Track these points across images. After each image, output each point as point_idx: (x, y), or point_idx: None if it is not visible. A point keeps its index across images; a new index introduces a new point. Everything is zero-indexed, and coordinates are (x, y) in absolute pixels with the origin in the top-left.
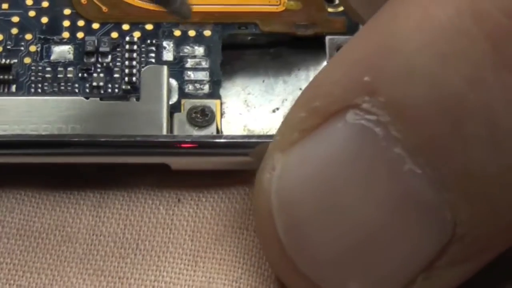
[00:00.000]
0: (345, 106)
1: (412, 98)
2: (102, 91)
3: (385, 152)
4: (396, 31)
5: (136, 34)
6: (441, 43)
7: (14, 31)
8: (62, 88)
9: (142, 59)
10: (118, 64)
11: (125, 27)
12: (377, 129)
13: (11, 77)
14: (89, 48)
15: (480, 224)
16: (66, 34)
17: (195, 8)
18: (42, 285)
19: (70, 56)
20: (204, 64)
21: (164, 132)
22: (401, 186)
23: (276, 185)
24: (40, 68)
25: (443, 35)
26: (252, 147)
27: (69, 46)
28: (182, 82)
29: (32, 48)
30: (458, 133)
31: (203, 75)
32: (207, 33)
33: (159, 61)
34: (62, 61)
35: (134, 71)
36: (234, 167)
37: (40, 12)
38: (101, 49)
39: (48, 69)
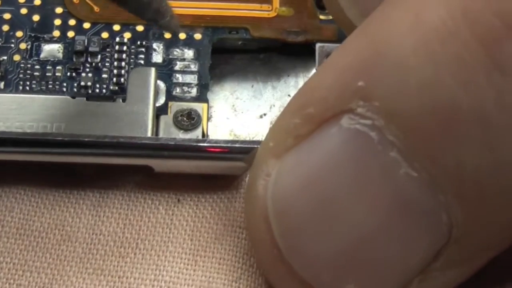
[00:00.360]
0: (339, 111)
1: (406, 102)
2: (89, 91)
3: (381, 156)
4: (389, 35)
5: (127, 35)
6: (434, 46)
7: (5, 28)
8: (50, 86)
9: (131, 60)
10: (107, 64)
11: (116, 27)
12: (372, 133)
13: None
14: (79, 47)
15: (475, 225)
16: (56, 33)
17: (187, 11)
18: (42, 284)
19: (60, 55)
20: (193, 67)
21: (149, 134)
22: (397, 190)
23: (272, 190)
24: (29, 66)
25: (435, 39)
26: (237, 152)
27: (59, 45)
28: (170, 85)
29: (22, 46)
30: (452, 136)
31: (191, 78)
32: (198, 36)
33: (148, 63)
34: (52, 59)
35: (123, 72)
36: (218, 172)
37: (32, 9)
38: (90, 49)
39: (37, 67)
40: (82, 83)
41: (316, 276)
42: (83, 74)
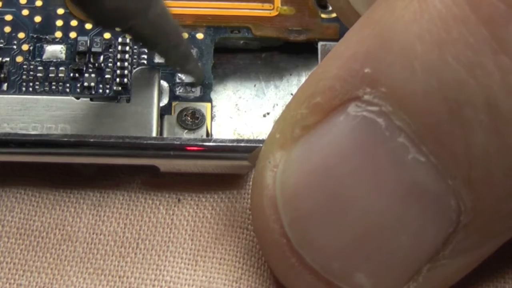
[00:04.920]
0: (346, 99)
1: (413, 87)
2: (93, 92)
3: (389, 142)
4: (394, 22)
5: (129, 35)
6: (439, 31)
7: (7, 29)
8: (54, 87)
9: (134, 60)
10: (109, 65)
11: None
12: (380, 119)
13: (2, 75)
14: (81, 48)
15: (483, 211)
16: (58, 34)
17: (188, 11)
18: (42, 284)
19: (62, 56)
20: None
21: (154, 134)
22: (406, 176)
23: (280, 180)
24: (32, 67)
25: (440, 24)
26: (242, 152)
27: (62, 46)
28: (173, 85)
29: (25, 47)
30: (459, 119)
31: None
32: (200, 36)
33: (151, 62)
34: (54, 60)
35: (126, 72)
36: (223, 171)
37: (33, 11)
38: (93, 49)
39: (40, 68)
40: (85, 84)
41: (326, 265)
42: (86, 75)
